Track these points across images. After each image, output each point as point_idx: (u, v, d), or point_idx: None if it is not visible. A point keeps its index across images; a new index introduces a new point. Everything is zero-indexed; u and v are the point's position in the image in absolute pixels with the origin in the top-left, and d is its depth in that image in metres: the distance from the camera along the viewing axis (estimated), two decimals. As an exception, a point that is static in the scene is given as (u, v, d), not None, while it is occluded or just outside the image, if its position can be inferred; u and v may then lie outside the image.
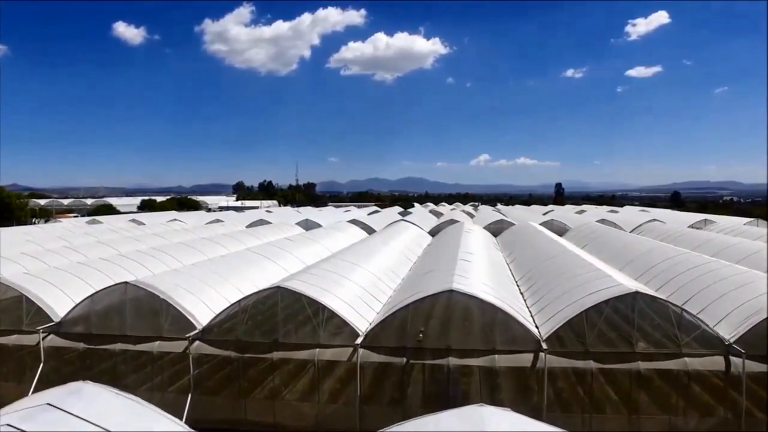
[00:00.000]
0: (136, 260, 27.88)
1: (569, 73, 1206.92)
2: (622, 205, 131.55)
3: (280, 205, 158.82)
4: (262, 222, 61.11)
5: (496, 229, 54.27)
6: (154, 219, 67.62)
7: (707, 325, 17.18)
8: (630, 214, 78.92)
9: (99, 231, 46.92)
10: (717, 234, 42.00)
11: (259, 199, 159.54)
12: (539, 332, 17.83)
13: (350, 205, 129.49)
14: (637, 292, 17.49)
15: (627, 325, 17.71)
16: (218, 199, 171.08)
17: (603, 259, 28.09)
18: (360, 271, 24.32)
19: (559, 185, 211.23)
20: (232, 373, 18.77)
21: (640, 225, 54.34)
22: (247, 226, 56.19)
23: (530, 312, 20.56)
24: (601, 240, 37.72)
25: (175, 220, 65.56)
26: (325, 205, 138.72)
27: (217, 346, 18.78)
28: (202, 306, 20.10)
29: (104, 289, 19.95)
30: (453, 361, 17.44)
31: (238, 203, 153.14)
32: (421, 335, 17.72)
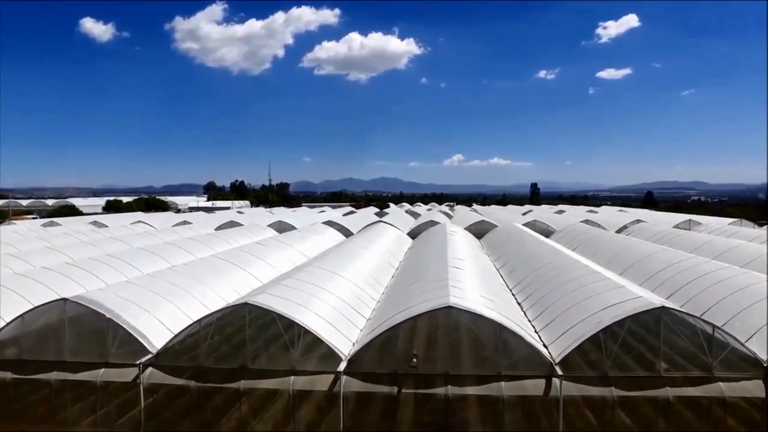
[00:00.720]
0: (88, 269, 24.76)
1: (542, 74, 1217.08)
2: (597, 205, 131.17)
3: (252, 206, 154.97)
4: (232, 224, 57.94)
5: (477, 230, 52.12)
6: (117, 221, 63.87)
7: (741, 343, 14.99)
8: (610, 215, 77.80)
9: (53, 235, 43.24)
10: (709, 235, 40.32)
11: (230, 200, 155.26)
12: (550, 354, 15.44)
13: (324, 206, 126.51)
14: (663, 307, 15.19)
15: (651, 346, 15.41)
16: (188, 199, 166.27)
17: (601, 264, 25.89)
18: (339, 280, 21.69)
19: (534, 185, 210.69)
20: (191, 405, 15.96)
21: (626, 226, 52.82)
22: (216, 229, 53.03)
23: (534, 328, 18.17)
24: (593, 242, 35.72)
25: (140, 222, 61.86)
26: (298, 205, 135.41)
27: (174, 374, 15.97)
28: (158, 325, 17.25)
29: (38, 307, 16.93)
30: (452, 389, 14.94)
31: (209, 204, 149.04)
32: (415, 360, 15.16)
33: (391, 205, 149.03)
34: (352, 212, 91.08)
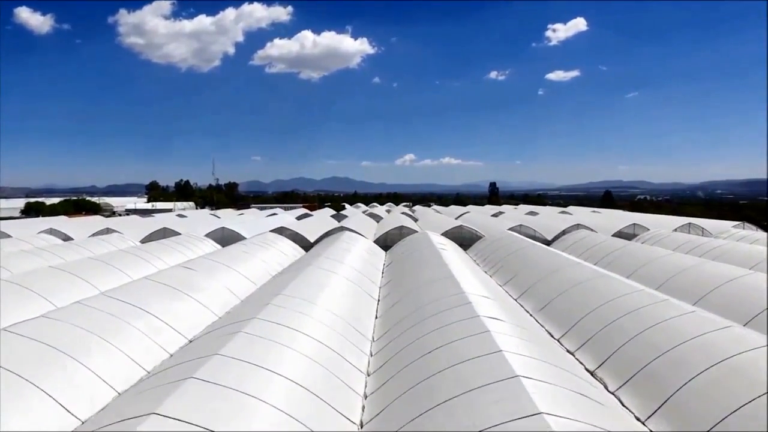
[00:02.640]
0: None
1: (493, 75, 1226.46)
2: (564, 205, 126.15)
3: (197, 207, 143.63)
4: (165, 232, 48.26)
5: (457, 238, 44.05)
6: (23, 229, 52.94)
7: None
8: (595, 217, 72.75)
9: None
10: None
11: (173, 201, 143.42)
12: None
13: (276, 207, 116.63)
14: None
15: None
16: (127, 200, 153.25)
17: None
18: (301, 341, 13.17)
19: (493, 184, 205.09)
20: None
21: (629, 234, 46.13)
22: (142, 240, 43.42)
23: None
24: (628, 255, 28.27)
25: (52, 230, 51.34)
26: (247, 206, 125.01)
27: None
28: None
29: None
30: None
31: (150, 205, 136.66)
32: None
33: (347, 206, 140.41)
34: (306, 215, 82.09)
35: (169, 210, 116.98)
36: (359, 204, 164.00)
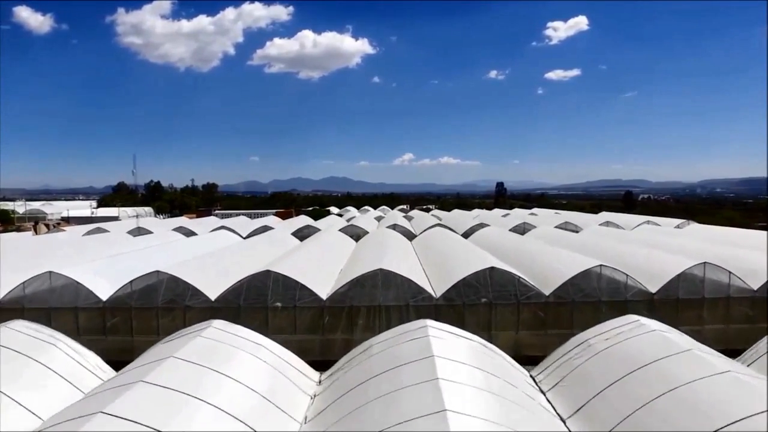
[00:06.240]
0: None
1: (492, 74, 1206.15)
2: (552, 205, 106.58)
3: (157, 214, 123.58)
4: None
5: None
6: None
7: None
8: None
9: None
10: None
11: (119, 206, 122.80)
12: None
13: (242, 214, 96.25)
14: None
15: None
16: (72, 205, 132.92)
17: None
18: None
19: (500, 184, 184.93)
20: None
21: None
22: None
23: None
24: None
25: None
26: (208, 214, 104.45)
27: None
28: None
29: None
30: None
31: (102, 212, 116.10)
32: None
33: (331, 211, 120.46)
34: (265, 229, 62.01)
35: (115, 218, 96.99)
36: (349, 208, 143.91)
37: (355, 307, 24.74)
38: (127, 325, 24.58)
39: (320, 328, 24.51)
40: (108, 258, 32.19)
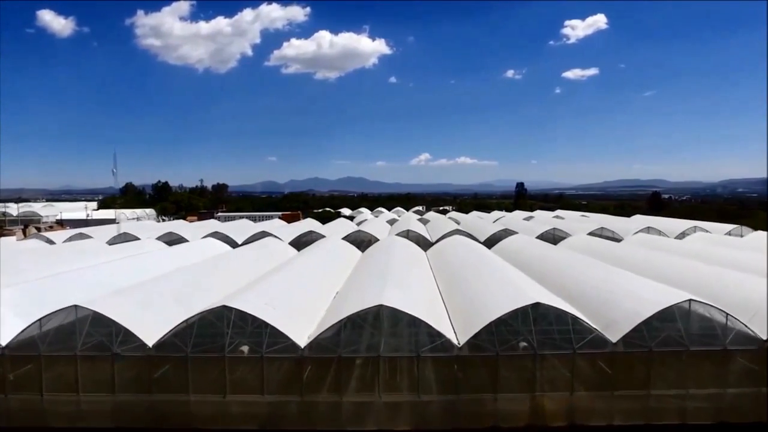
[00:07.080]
0: None
1: (509, 74, 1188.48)
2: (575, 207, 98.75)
3: (159, 216, 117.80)
4: None
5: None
6: None
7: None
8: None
9: None
10: None
11: (119, 207, 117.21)
12: None
13: (246, 216, 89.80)
14: None
15: None
16: (74, 206, 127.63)
17: None
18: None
19: (521, 185, 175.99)
20: None
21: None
22: None
23: None
24: None
25: None
26: (210, 216, 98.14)
27: None
28: None
29: None
30: None
31: (102, 214, 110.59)
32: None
33: (343, 213, 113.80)
34: (263, 235, 55.42)
35: (112, 221, 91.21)
36: (362, 209, 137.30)
37: (346, 359, 17.81)
38: (35, 379, 18.02)
39: (298, 386, 17.65)
40: (47, 278, 25.69)
